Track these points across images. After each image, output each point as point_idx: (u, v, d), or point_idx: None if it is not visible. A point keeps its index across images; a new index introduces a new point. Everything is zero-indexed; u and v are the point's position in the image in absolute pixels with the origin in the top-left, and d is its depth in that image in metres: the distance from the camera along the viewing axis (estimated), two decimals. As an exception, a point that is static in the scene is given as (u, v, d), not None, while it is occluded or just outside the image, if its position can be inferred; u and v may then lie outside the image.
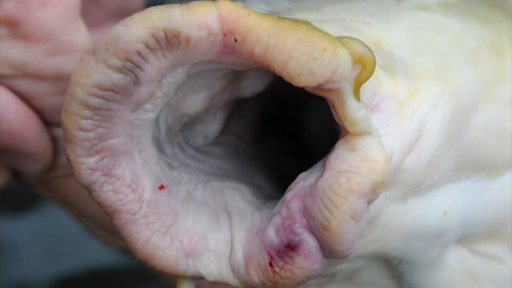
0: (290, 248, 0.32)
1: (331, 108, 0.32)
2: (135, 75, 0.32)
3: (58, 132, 0.43)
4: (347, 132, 0.31)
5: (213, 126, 0.39)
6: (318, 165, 0.33)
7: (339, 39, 0.31)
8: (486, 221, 0.38)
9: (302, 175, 0.34)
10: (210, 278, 0.35)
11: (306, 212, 0.32)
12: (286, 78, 0.31)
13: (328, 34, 0.30)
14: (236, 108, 0.40)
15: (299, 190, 0.33)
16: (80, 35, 0.41)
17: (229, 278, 0.34)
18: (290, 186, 0.33)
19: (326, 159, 0.32)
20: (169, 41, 0.31)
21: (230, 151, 0.40)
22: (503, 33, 0.38)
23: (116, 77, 0.32)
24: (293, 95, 0.40)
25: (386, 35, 0.35)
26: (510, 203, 0.38)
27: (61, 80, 0.41)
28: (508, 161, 0.37)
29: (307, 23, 0.31)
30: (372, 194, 0.31)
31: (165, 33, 0.31)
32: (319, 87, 0.31)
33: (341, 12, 0.36)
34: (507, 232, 0.39)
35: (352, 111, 0.31)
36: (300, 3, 0.36)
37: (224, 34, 0.31)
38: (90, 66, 0.32)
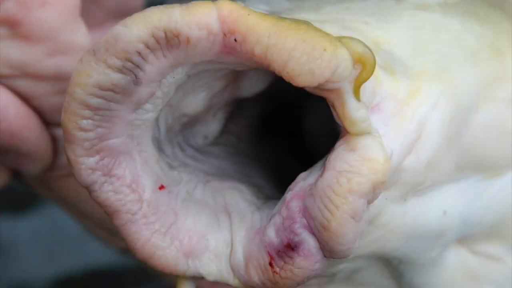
0: (290, 248, 0.32)
1: (331, 108, 0.32)
2: (135, 75, 0.32)
3: (58, 132, 0.43)
4: (347, 132, 0.31)
5: (213, 126, 0.39)
6: (318, 165, 0.33)
7: (339, 39, 0.31)
8: (486, 221, 0.38)
9: (302, 175, 0.34)
10: (210, 278, 0.35)
11: (306, 212, 0.32)
12: (286, 78, 0.31)
13: (328, 34, 0.30)
14: (236, 108, 0.40)
15: (299, 190, 0.33)
16: (80, 35, 0.41)
17: (229, 278, 0.34)
18: (290, 186, 0.33)
19: (326, 159, 0.32)
20: (169, 41, 0.31)
21: (230, 151, 0.40)
22: (503, 33, 0.38)
23: (116, 77, 0.32)
24: (293, 95, 0.40)
25: (386, 35, 0.35)
26: (510, 203, 0.38)
27: (61, 80, 0.41)
28: (508, 161, 0.37)
29: (307, 23, 0.31)
30: (372, 194, 0.31)
31: (165, 33, 0.31)
32: (319, 87, 0.31)
33: (341, 12, 0.36)
34: (507, 232, 0.39)
35: (352, 111, 0.31)
36: (300, 3, 0.36)
37: (224, 34, 0.31)
38: (90, 66, 0.32)
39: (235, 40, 0.31)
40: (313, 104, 0.44)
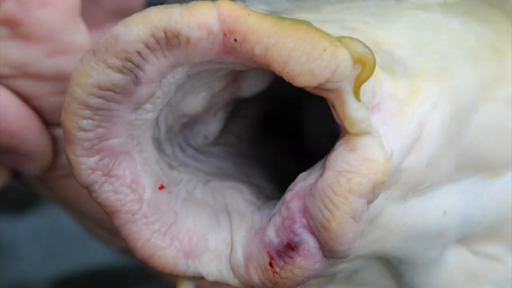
0: (290, 248, 0.32)
1: (331, 108, 0.32)
2: (135, 75, 0.32)
3: (58, 132, 0.43)
4: (347, 132, 0.31)
5: (213, 126, 0.39)
6: (318, 165, 0.33)
7: (339, 39, 0.31)
8: (486, 221, 0.38)
9: (302, 175, 0.34)
10: (210, 278, 0.35)
11: (306, 212, 0.32)
12: (286, 78, 0.31)
13: (328, 34, 0.30)
14: (236, 108, 0.40)
15: (299, 190, 0.33)
16: (80, 35, 0.41)
17: (229, 278, 0.34)
18: (290, 186, 0.33)
19: (326, 159, 0.32)
20: (169, 41, 0.31)
21: (230, 151, 0.40)
22: (503, 33, 0.38)
23: (116, 77, 0.32)
24: (293, 95, 0.40)
25: (386, 35, 0.35)
26: (510, 203, 0.38)
27: (61, 80, 0.41)
28: (508, 161, 0.37)
29: (307, 23, 0.31)
30: (372, 194, 0.31)
31: (165, 33, 0.31)
32: (319, 87, 0.31)
33: (341, 12, 0.36)
34: (507, 232, 0.39)
35: (352, 111, 0.31)
36: (300, 3, 0.36)
37: (224, 34, 0.31)
38: (90, 66, 0.32)
39: (235, 40, 0.31)
40: (313, 104, 0.44)
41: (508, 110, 0.37)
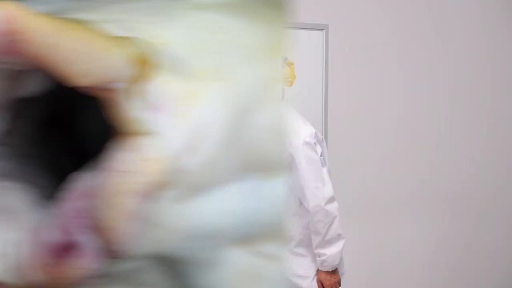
0: (68, 247, 0.32)
1: (109, 108, 0.32)
2: None
3: None
4: (126, 132, 0.32)
5: (-4, 127, 0.38)
6: (97, 165, 0.33)
7: (118, 39, 0.31)
8: (261, 221, 0.38)
9: (81, 175, 0.33)
10: (-14, 279, 0.34)
11: (84, 212, 0.32)
12: (63, 78, 0.31)
13: (106, 35, 0.31)
14: (22, 109, 0.39)
15: (78, 190, 0.33)
16: None
17: (8, 278, 0.34)
18: (69, 186, 0.33)
19: (104, 159, 0.32)
20: None
21: (14, 152, 0.40)
22: (279, 35, 0.39)
23: None
24: (75, 96, 0.40)
25: (168, 35, 0.35)
26: (281, 204, 0.39)
27: None
28: (282, 162, 0.38)
29: (87, 24, 0.31)
30: (151, 194, 0.32)
31: None
32: (96, 87, 0.31)
33: (124, 12, 0.35)
34: (281, 232, 0.40)
35: (129, 111, 0.31)
36: (84, 3, 0.36)
37: (4, 34, 0.31)
38: None
39: (15, 40, 0.31)
40: (93, 104, 0.43)
41: (282, 109, 0.38)
